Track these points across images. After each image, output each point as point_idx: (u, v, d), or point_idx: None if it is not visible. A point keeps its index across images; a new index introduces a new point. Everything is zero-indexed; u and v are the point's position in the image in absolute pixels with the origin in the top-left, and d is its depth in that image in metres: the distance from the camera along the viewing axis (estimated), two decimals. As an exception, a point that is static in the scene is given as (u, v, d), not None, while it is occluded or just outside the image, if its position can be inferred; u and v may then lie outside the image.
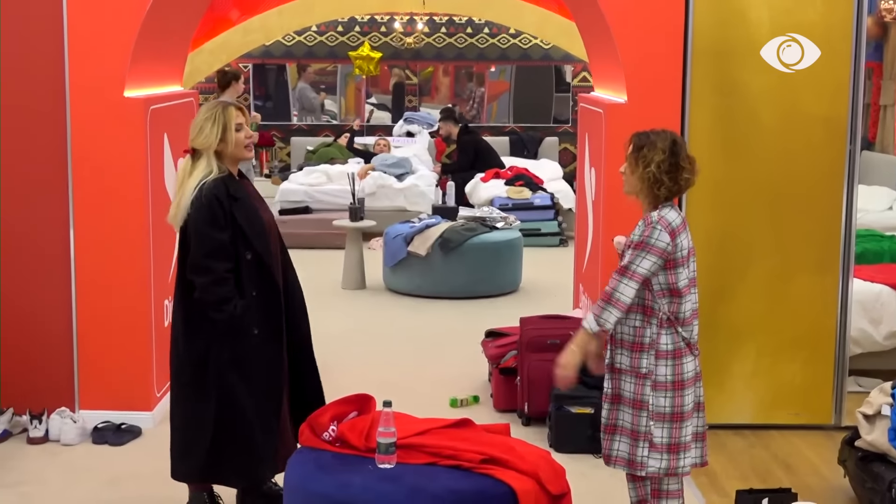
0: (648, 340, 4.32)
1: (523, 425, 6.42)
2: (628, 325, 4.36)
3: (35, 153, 6.18)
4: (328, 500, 4.06)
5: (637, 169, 4.35)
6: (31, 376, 6.27)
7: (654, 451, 4.32)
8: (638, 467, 4.36)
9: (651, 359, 4.31)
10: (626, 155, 4.43)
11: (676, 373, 4.31)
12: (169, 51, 6.83)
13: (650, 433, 4.32)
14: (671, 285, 4.30)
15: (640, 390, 4.33)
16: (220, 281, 4.68)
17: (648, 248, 4.23)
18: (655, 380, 4.31)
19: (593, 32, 6.94)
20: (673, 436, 4.33)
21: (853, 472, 5.30)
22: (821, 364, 6.38)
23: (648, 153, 4.32)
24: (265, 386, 4.86)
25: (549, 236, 12.57)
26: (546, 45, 16.08)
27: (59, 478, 5.66)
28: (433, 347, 8.22)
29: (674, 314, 4.31)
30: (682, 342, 4.33)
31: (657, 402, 4.31)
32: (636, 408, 4.34)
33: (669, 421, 4.33)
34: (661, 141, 4.34)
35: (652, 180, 4.32)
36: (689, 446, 4.37)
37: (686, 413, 4.34)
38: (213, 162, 4.75)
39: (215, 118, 4.76)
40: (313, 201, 13.02)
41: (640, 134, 4.41)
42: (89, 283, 6.22)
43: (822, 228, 6.31)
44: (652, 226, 4.26)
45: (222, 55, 13.73)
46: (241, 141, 4.83)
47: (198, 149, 4.77)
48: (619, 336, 4.40)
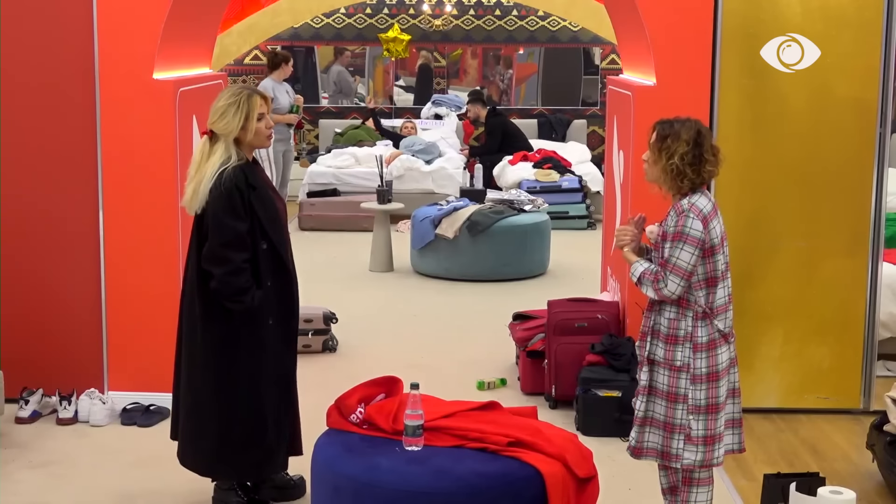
0: (683, 333, 4.28)
1: (550, 408, 6.42)
2: (664, 317, 4.32)
3: (65, 135, 6.21)
4: (355, 482, 4.07)
5: (660, 160, 4.29)
6: (61, 358, 6.31)
7: (689, 444, 4.29)
8: (673, 459, 4.33)
9: (687, 351, 4.28)
10: (649, 143, 4.37)
11: (711, 364, 4.28)
12: (198, 33, 6.83)
13: (688, 426, 4.29)
14: (709, 274, 4.27)
15: (674, 383, 4.30)
16: (237, 271, 4.65)
17: (685, 238, 4.18)
18: (693, 373, 4.28)
19: (622, 14, 6.90)
20: (709, 427, 4.30)
21: (881, 456, 5.28)
22: (849, 348, 6.35)
23: (672, 144, 4.26)
24: (278, 375, 4.88)
25: (577, 219, 12.55)
26: (574, 28, 16.01)
27: (87, 458, 5.70)
28: (460, 330, 8.22)
29: (709, 306, 4.28)
30: (717, 333, 4.29)
31: (694, 396, 4.28)
32: (670, 400, 4.31)
33: (705, 413, 4.29)
34: (686, 131, 4.28)
35: (675, 172, 4.26)
36: (722, 437, 4.35)
37: (721, 404, 4.32)
38: (232, 148, 4.72)
39: (239, 105, 4.70)
40: (341, 184, 13.04)
41: (664, 122, 4.34)
42: (118, 265, 6.25)
43: (851, 212, 6.28)
44: (685, 215, 4.22)
45: (251, 37, 13.75)
46: (262, 131, 4.80)
47: (217, 132, 4.74)
48: (654, 328, 4.37)
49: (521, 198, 10.80)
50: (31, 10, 6.12)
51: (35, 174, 6.22)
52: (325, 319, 7.61)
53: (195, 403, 4.86)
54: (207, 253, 4.70)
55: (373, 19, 16.45)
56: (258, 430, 4.81)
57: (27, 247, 6.26)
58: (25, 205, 6.24)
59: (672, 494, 4.55)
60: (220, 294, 4.69)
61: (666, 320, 4.33)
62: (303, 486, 5.12)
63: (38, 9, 6.12)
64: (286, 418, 4.95)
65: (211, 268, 4.68)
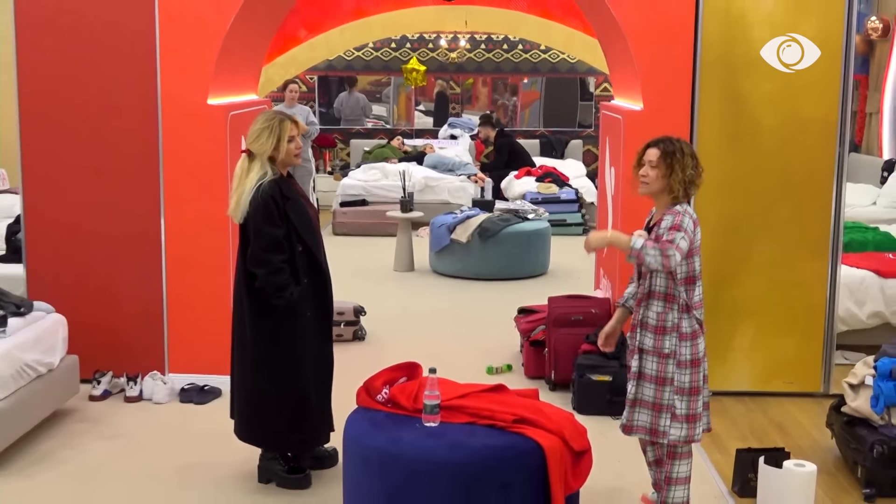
0: (670, 324, 4.29)
1: (550, 390, 6.41)
2: (652, 311, 4.32)
3: (132, 153, 6.22)
4: (381, 453, 4.07)
5: (671, 174, 4.27)
6: (128, 344, 6.33)
7: (675, 422, 4.31)
8: (661, 436, 4.34)
9: (674, 340, 4.29)
10: (645, 160, 4.35)
11: (694, 352, 4.29)
12: (246, 64, 6.85)
13: (673, 406, 4.30)
14: (689, 273, 4.28)
15: (663, 368, 4.30)
16: (277, 271, 4.66)
17: (683, 229, 4.20)
18: (678, 359, 4.28)
19: (614, 48, 6.89)
20: (691, 407, 4.31)
21: (839, 434, 5.26)
22: (812, 339, 6.32)
23: (682, 159, 4.27)
24: (317, 361, 4.89)
25: (573, 226, 12.52)
26: (572, 60, 15.99)
27: (150, 432, 5.71)
28: (472, 322, 8.22)
29: (690, 300, 4.29)
30: (697, 324, 4.30)
31: (680, 379, 4.29)
32: (659, 384, 4.32)
33: (688, 394, 4.31)
34: (687, 147, 4.31)
35: (688, 182, 4.28)
36: (701, 416, 4.36)
37: (701, 387, 4.33)
38: (268, 165, 4.73)
39: (272, 129, 4.72)
40: (369, 195, 13.05)
41: (664, 140, 4.33)
42: (177, 264, 6.27)
43: (814, 221, 6.25)
44: (682, 214, 4.24)
45: (291, 68, 13.78)
46: (291, 151, 4.80)
47: (253, 152, 4.76)
48: (643, 321, 4.36)
49: (525, 207, 10.80)
50: (103, 47, 6.14)
51: (107, 186, 6.24)
52: (355, 312, 7.61)
53: (248, 387, 4.88)
54: (251, 256, 4.71)
55: (397, 52, 16.47)
56: (302, 409, 4.83)
57: (101, 251, 6.28)
58: (98, 214, 6.26)
59: (657, 466, 4.54)
60: (263, 291, 4.70)
61: (654, 314, 4.33)
62: (335, 456, 5.13)
63: (110, 46, 6.14)
64: (326, 397, 4.96)
65: (255, 269, 4.70)
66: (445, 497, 3.95)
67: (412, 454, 4.01)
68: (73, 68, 6.17)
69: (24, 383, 5.30)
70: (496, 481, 3.96)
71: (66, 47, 6.16)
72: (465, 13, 13.48)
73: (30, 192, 6.30)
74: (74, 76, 6.17)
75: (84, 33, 6.14)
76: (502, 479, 3.97)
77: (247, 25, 6.40)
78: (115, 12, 6.13)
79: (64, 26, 6.15)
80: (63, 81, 6.17)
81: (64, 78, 6.17)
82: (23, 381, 5.29)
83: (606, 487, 4.89)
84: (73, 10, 6.14)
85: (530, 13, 13.59)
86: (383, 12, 13.62)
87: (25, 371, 5.32)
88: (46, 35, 6.16)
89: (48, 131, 6.22)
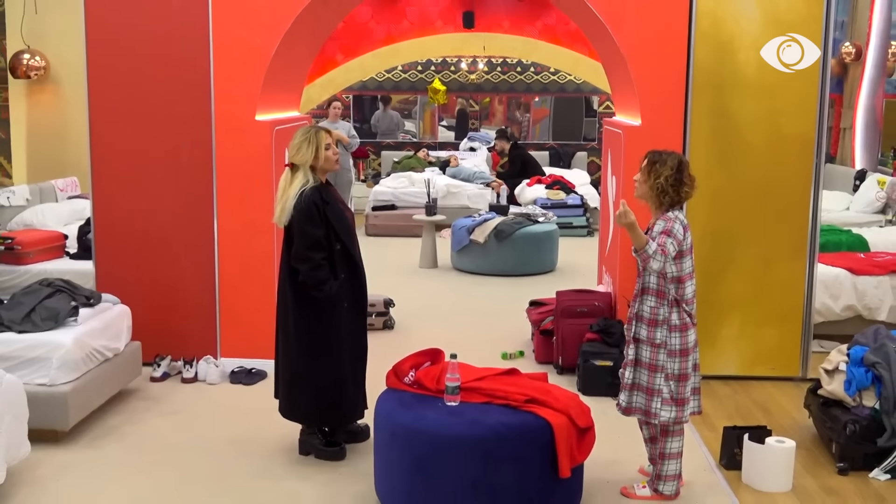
0: (662, 317, 4.28)
1: (558, 374, 6.39)
2: (646, 305, 4.31)
3: (189, 163, 6.25)
4: (408, 430, 4.08)
5: (649, 179, 4.30)
6: (185, 331, 6.36)
7: (665, 405, 4.30)
8: (653, 417, 4.33)
9: (665, 332, 4.27)
10: (641, 167, 4.37)
11: (683, 342, 4.28)
12: (289, 84, 6.86)
13: (662, 390, 4.28)
14: (678, 273, 4.27)
15: (655, 356, 4.29)
16: (318, 267, 4.67)
17: (672, 234, 4.19)
18: (668, 348, 4.27)
19: (616, 71, 6.87)
20: (680, 392, 4.30)
21: (816, 414, 5.23)
22: (791, 330, 6.28)
23: (659, 168, 4.28)
24: (353, 347, 4.89)
25: (579, 228, 12.48)
26: (578, 81, 15.94)
27: (205, 410, 5.74)
28: (489, 313, 8.20)
29: (680, 296, 4.27)
30: (687, 317, 4.29)
31: (670, 367, 4.27)
32: (651, 370, 4.31)
33: (677, 380, 4.29)
34: (671, 160, 4.29)
35: (659, 190, 4.27)
36: (689, 400, 4.34)
37: (689, 374, 4.31)
38: (309, 174, 4.75)
39: (310, 140, 4.74)
40: (398, 200, 13.05)
41: (654, 152, 4.37)
42: (229, 262, 6.29)
43: (794, 224, 6.21)
44: (672, 220, 4.22)
45: (329, 88, 13.80)
46: (330, 157, 4.81)
47: (296, 164, 4.77)
48: (638, 314, 4.35)
49: (536, 212, 10.78)
50: (164, 70, 6.17)
51: (167, 193, 6.27)
52: (385, 304, 7.61)
53: (291, 370, 4.88)
54: (294, 254, 4.72)
55: (423, 74, 16.47)
56: (340, 389, 4.83)
57: (160, 249, 6.31)
58: (158, 216, 6.29)
59: (652, 443, 4.53)
60: (305, 285, 4.71)
61: (648, 308, 4.31)
62: (367, 431, 5.13)
63: (170, 69, 6.16)
64: (360, 379, 4.97)
65: (298, 265, 4.71)
66: (465, 468, 3.95)
67: (435, 430, 4.01)
68: (138, 89, 6.19)
69: (93, 366, 5.34)
70: (510, 454, 3.96)
71: (132, 72, 6.18)
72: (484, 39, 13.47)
73: (99, 197, 6.34)
74: (139, 96, 6.19)
75: (148, 60, 6.17)
76: (515, 452, 3.97)
77: (290, 51, 6.42)
78: (175, 39, 6.15)
79: (130, 54, 6.17)
80: (129, 101, 6.20)
81: (129, 98, 6.20)
82: (92, 364, 5.33)
83: (608, 460, 4.88)
84: (138, 39, 6.16)
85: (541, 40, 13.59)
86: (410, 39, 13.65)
87: (94, 355, 5.35)
88: (114, 61, 6.18)
89: (115, 145, 6.25)
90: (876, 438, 4.78)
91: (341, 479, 4.68)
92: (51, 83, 9.96)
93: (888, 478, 4.74)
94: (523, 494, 4.00)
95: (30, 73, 9.63)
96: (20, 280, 7.09)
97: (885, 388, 4.79)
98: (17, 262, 7.35)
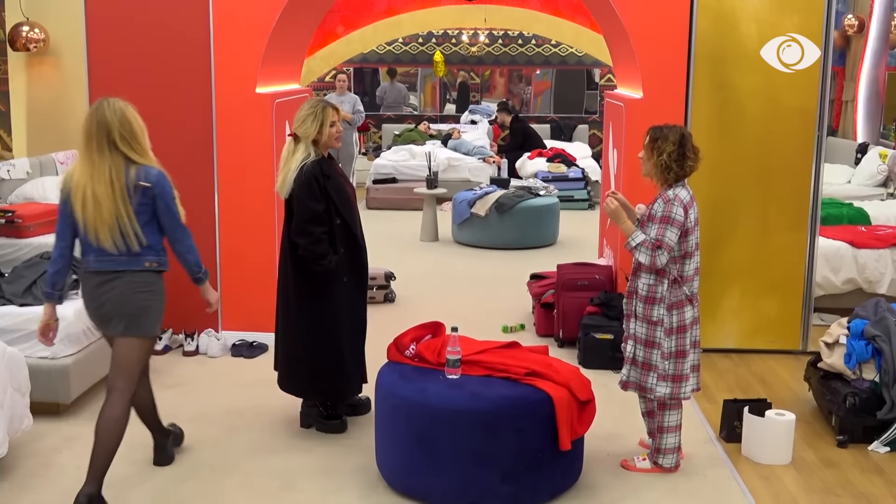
0: (659, 295, 4.26)
1: (558, 347, 6.40)
2: (643, 282, 4.30)
3: (190, 136, 6.23)
4: (409, 402, 4.08)
5: (652, 157, 4.26)
6: (186, 304, 6.30)
7: (661, 381, 4.30)
8: (648, 392, 4.34)
9: (662, 309, 4.26)
10: (644, 144, 4.34)
11: (679, 320, 4.27)
12: (290, 57, 6.82)
13: (658, 366, 4.28)
14: (683, 250, 4.24)
15: (651, 333, 4.29)
16: (317, 241, 4.65)
17: (671, 221, 4.16)
18: (665, 326, 4.26)
19: (617, 43, 6.82)
20: (676, 369, 4.30)
21: (816, 387, 5.23)
22: (792, 302, 6.28)
23: (661, 144, 4.23)
24: (352, 321, 4.87)
25: (580, 202, 12.46)
26: (580, 53, 15.86)
27: (206, 382, 5.75)
28: (490, 286, 8.20)
29: (680, 274, 4.25)
30: (684, 296, 4.27)
31: (667, 344, 4.27)
32: (648, 347, 4.30)
33: (674, 357, 4.28)
34: (672, 134, 4.25)
35: (663, 167, 4.24)
36: (688, 377, 4.33)
37: (686, 351, 4.30)
38: (311, 147, 4.72)
39: (315, 115, 4.70)
40: (399, 173, 13.02)
41: (655, 128, 4.32)
42: (229, 235, 6.28)
43: (795, 197, 6.19)
44: (671, 203, 4.19)
45: (330, 60, 13.75)
46: (333, 134, 4.77)
47: (299, 135, 4.74)
48: (637, 290, 4.34)
49: (537, 185, 10.75)
50: (165, 45, 6.14)
51: (168, 166, 6.14)
52: (386, 277, 7.61)
53: (291, 343, 4.87)
54: (294, 228, 4.70)
55: (424, 47, 16.38)
56: (339, 363, 4.83)
57: (160, 220, 6.29)
58: (159, 188, 6.27)
59: (650, 417, 4.54)
60: (305, 259, 4.69)
61: (645, 285, 4.30)
62: (368, 404, 5.14)
63: (170, 43, 6.14)
64: (360, 352, 4.97)
65: (298, 239, 4.69)
66: (466, 441, 3.96)
67: (436, 403, 4.01)
68: (138, 62, 6.17)
69: (94, 339, 5.34)
70: (510, 427, 3.96)
71: (132, 45, 6.16)
72: (485, 11, 13.40)
73: (100, 170, 6.31)
74: (139, 69, 6.17)
75: (148, 32, 6.14)
76: (516, 425, 3.97)
77: (290, 23, 6.37)
78: (175, 11, 6.12)
79: (130, 26, 6.14)
80: (129, 74, 6.16)
81: (129, 70, 6.17)
82: (94, 337, 5.33)
83: (608, 433, 4.88)
84: (138, 11, 6.13)
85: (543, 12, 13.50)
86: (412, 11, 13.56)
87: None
88: (114, 33, 6.16)
89: (115, 117, 6.22)
90: (876, 411, 4.79)
91: (342, 452, 4.69)
92: (50, 55, 9.90)
93: (888, 450, 4.75)
94: (524, 467, 4.01)
95: (29, 45, 9.56)
96: (21, 253, 7.07)
97: (885, 361, 4.79)
98: (18, 235, 7.32)
